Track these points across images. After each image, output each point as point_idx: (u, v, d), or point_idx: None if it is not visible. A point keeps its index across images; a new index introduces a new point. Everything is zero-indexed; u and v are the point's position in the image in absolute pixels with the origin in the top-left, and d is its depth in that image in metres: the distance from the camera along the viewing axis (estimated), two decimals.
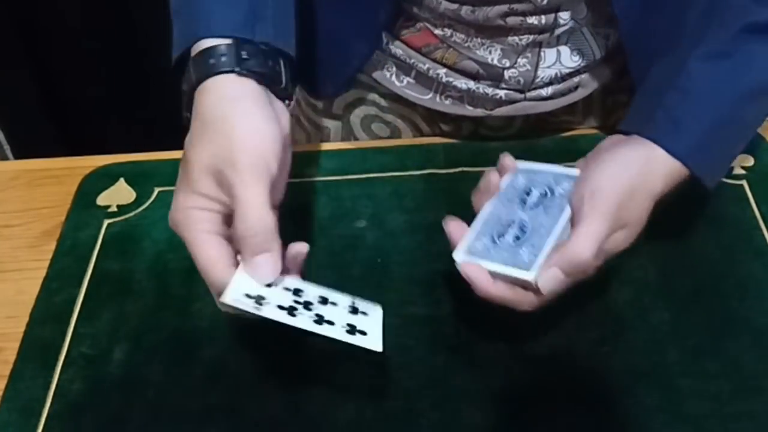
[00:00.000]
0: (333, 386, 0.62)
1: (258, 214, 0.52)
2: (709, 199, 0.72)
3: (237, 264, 0.55)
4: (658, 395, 0.60)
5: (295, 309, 0.54)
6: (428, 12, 0.72)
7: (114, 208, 0.76)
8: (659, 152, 0.60)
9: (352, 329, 0.55)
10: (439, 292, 0.67)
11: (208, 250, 0.54)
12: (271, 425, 0.60)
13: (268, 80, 0.59)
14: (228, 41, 0.58)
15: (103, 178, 0.79)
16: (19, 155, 1.63)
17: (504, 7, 0.68)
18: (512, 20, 0.69)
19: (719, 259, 0.68)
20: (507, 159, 0.64)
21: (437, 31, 0.73)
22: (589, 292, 0.63)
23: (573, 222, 0.59)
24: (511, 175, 0.64)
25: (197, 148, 0.55)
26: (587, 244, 0.56)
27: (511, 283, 0.58)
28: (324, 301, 0.57)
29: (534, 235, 0.59)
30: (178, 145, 0.81)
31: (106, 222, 0.75)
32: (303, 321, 0.54)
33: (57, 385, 0.63)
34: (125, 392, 0.62)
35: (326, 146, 0.83)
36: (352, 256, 0.70)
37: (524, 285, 0.57)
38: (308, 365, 0.63)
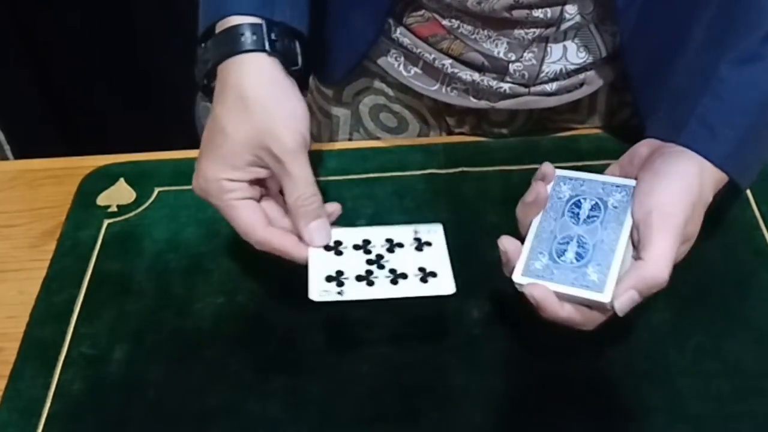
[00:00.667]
0: (333, 386, 0.62)
1: (306, 185, 0.60)
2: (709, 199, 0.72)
3: (269, 223, 0.61)
4: (659, 395, 0.60)
5: (371, 274, 0.59)
6: (436, 2, 0.72)
7: (114, 208, 0.76)
8: (707, 164, 0.60)
9: (424, 276, 0.59)
10: None
11: (246, 214, 0.60)
12: (271, 425, 0.60)
13: (288, 61, 0.64)
14: (254, 20, 0.62)
15: (103, 178, 0.79)
16: (19, 155, 1.63)
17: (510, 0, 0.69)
18: (518, 13, 0.69)
19: (719, 259, 0.68)
20: (547, 167, 0.62)
21: (445, 22, 0.73)
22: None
23: (636, 236, 0.58)
24: (553, 184, 0.62)
25: (237, 123, 0.60)
26: (664, 266, 0.55)
27: (578, 303, 0.57)
28: (390, 243, 0.61)
29: (597, 253, 0.57)
30: (179, 145, 0.81)
31: (106, 222, 0.75)
32: (381, 290, 0.59)
33: (57, 385, 0.63)
34: (125, 392, 0.62)
35: (326, 146, 0.83)
36: None
37: (591, 305, 0.56)
38: (308, 365, 0.63)
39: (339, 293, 0.58)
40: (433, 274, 0.59)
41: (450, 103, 0.79)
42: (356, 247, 0.61)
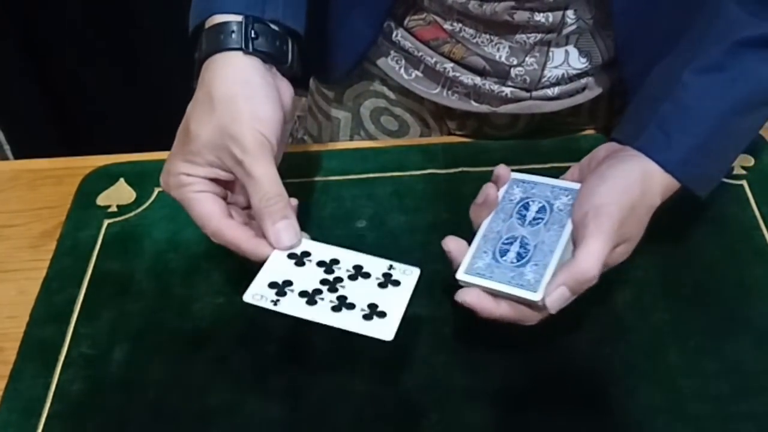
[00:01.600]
0: (333, 386, 0.62)
1: (270, 185, 0.57)
2: (709, 199, 0.72)
3: (230, 216, 0.60)
4: (659, 396, 0.60)
5: (319, 293, 0.56)
6: (437, 5, 0.72)
7: (114, 208, 0.76)
8: (655, 168, 0.61)
9: (370, 313, 0.55)
10: (439, 292, 0.66)
11: (199, 206, 0.59)
12: (271, 425, 0.60)
13: (273, 59, 0.62)
14: (239, 18, 0.61)
15: (103, 178, 0.79)
16: (19, 155, 1.63)
17: (511, 2, 0.68)
18: (519, 17, 0.69)
19: (719, 259, 0.68)
20: (502, 169, 0.65)
21: (446, 26, 0.73)
22: (589, 292, 0.63)
23: (575, 237, 0.59)
24: (506, 186, 0.64)
25: (201, 122, 0.59)
26: (593, 263, 0.56)
27: (514, 301, 0.58)
28: (357, 271, 0.58)
29: (537, 254, 0.59)
30: None
31: (106, 222, 0.75)
32: (319, 313, 0.55)
33: (57, 385, 0.63)
34: (125, 392, 0.62)
35: (326, 146, 0.83)
36: None
37: (527, 303, 0.57)
38: (308, 365, 0.63)
39: (273, 302, 0.55)
40: (381, 314, 0.55)
41: (451, 106, 0.79)
42: (321, 263, 0.58)
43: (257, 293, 0.56)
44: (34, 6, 1.49)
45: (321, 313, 0.55)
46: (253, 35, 0.60)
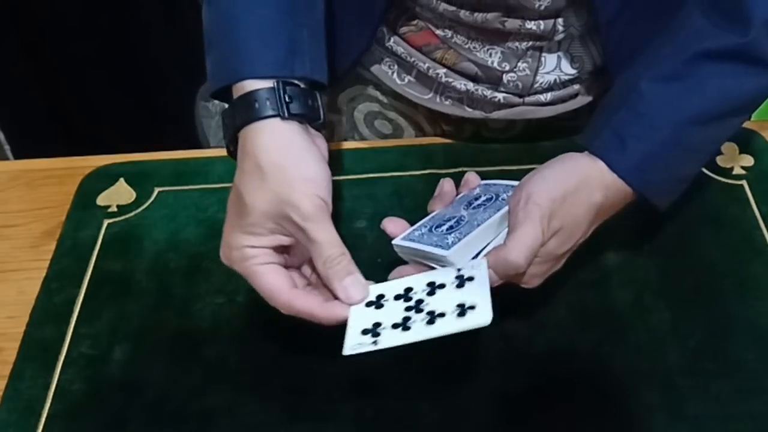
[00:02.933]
0: (333, 386, 0.62)
1: (332, 246, 0.58)
2: (709, 199, 0.72)
3: (295, 285, 0.59)
4: (659, 395, 0.60)
5: (409, 319, 0.56)
6: (429, 12, 0.72)
7: (114, 208, 0.76)
8: (600, 165, 0.61)
9: (462, 310, 0.55)
10: None
11: (267, 278, 0.58)
12: (271, 425, 0.60)
13: (308, 119, 0.62)
14: (270, 84, 0.60)
15: (103, 178, 0.79)
16: (19, 155, 1.63)
17: (501, 11, 0.68)
18: (511, 24, 0.69)
19: (719, 259, 0.68)
20: (471, 176, 0.67)
21: (438, 32, 0.73)
22: (589, 292, 0.63)
23: (509, 226, 0.60)
24: (473, 189, 0.67)
25: (255, 193, 0.58)
26: (519, 249, 0.57)
27: (432, 262, 0.60)
28: (431, 286, 0.58)
29: (465, 227, 0.61)
30: (178, 145, 0.81)
31: (106, 222, 0.75)
32: (417, 332, 0.55)
33: (57, 385, 0.63)
34: (125, 392, 0.62)
35: None
36: (352, 256, 0.70)
37: (442, 262, 0.59)
38: (308, 365, 0.63)
39: (374, 343, 0.55)
40: (472, 308, 0.55)
41: (444, 112, 0.79)
42: (397, 297, 0.59)
43: (355, 343, 0.56)
44: (34, 6, 1.49)
45: (419, 332, 0.55)
46: (287, 99, 0.60)
